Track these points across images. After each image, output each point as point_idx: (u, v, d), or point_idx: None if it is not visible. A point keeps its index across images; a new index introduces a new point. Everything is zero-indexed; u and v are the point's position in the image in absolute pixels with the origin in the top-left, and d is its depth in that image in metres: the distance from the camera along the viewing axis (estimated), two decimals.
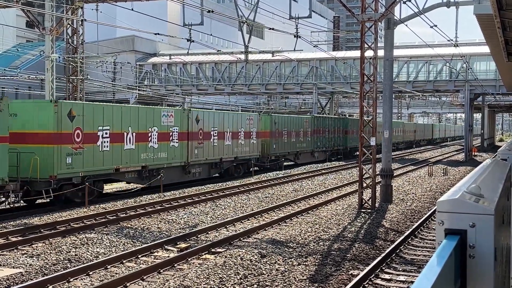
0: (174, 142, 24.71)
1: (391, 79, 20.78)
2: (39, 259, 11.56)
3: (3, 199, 17.58)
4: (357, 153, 48.22)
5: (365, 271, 10.54)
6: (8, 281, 9.98)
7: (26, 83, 49.21)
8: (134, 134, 22.15)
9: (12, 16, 62.60)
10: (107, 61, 52.04)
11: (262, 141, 33.57)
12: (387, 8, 19.25)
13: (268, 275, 10.50)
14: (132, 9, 23.25)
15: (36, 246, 12.81)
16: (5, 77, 45.67)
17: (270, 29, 25.34)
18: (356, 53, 49.42)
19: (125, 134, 21.76)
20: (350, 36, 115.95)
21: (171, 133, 24.49)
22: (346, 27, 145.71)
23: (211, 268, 10.78)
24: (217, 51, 37.87)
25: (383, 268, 11.29)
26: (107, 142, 20.81)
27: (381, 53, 21.10)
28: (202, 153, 26.88)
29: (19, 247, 12.67)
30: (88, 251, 12.31)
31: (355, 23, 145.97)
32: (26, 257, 11.72)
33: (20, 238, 13.58)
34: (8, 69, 47.76)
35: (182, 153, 25.35)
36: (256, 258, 11.66)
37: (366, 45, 18.57)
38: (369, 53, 19.42)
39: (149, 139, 23.12)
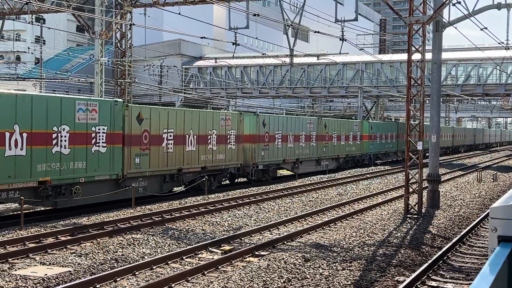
0: (99, 146, 18.41)
1: (439, 82, 20.38)
2: (87, 258, 11.81)
3: None
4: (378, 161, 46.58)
5: (411, 277, 10.35)
6: (57, 280, 10.23)
7: (76, 86, 50.50)
8: (25, 134, 15.96)
9: (63, 20, 64.42)
10: (154, 65, 52.90)
11: (245, 147, 26.99)
12: (435, 11, 18.90)
13: (312, 279, 10.43)
14: (179, 13, 23.56)
15: (85, 246, 13.10)
16: (56, 80, 46.97)
17: (315, 32, 25.26)
18: (403, 56, 48.73)
19: (8, 135, 15.51)
20: (396, 38, 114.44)
21: (93, 134, 18.16)
22: (392, 30, 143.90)
23: (254, 271, 10.79)
24: (262, 54, 37.99)
25: (430, 275, 11.07)
26: None
27: (428, 56, 20.71)
28: (147, 162, 20.57)
29: (68, 246, 12.98)
30: (134, 251, 12.51)
31: (402, 26, 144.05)
32: (74, 256, 11.99)
33: (69, 237, 13.91)
34: (59, 72, 49.14)
35: (113, 163, 18.96)
36: (300, 262, 11.61)
37: (413, 48, 18.27)
38: (416, 56, 19.10)
39: (54, 141, 16.85)
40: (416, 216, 17.95)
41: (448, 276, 11.12)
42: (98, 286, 9.84)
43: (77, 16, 29.26)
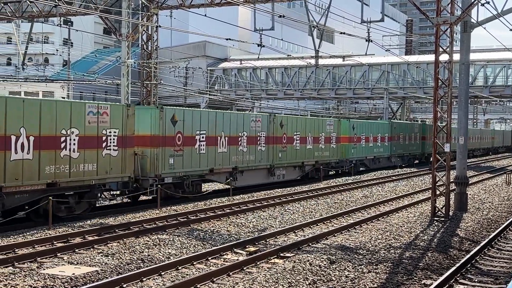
0: None
1: (467, 83, 20.10)
2: (114, 258, 11.93)
3: None
4: (362, 168, 41.03)
5: (438, 281, 10.22)
6: (84, 279, 10.35)
7: (103, 88, 51.07)
8: None
9: (90, 23, 65.33)
10: (179, 66, 53.24)
11: (144, 152, 19.90)
12: (463, 11, 18.65)
13: (337, 282, 10.38)
14: (205, 15, 23.66)
15: (111, 246, 13.23)
16: (84, 82, 47.58)
17: (341, 33, 25.12)
18: (430, 57, 48.22)
19: None
20: (423, 39, 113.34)
21: None
22: (419, 31, 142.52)
23: (280, 273, 10.78)
24: (287, 55, 37.95)
25: (458, 278, 10.91)
26: None
27: (456, 57, 20.44)
28: None
29: (95, 246, 13.12)
30: (160, 252, 12.59)
31: (428, 27, 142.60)
32: (101, 256, 12.12)
33: (96, 237, 14.06)
34: (87, 74, 49.78)
35: None
36: (325, 264, 11.56)
37: (440, 49, 18.05)
38: (443, 57, 18.87)
39: None
40: (443, 219, 17.73)
41: (476, 280, 10.96)
42: (124, 285, 9.92)
43: (104, 18, 29.58)
